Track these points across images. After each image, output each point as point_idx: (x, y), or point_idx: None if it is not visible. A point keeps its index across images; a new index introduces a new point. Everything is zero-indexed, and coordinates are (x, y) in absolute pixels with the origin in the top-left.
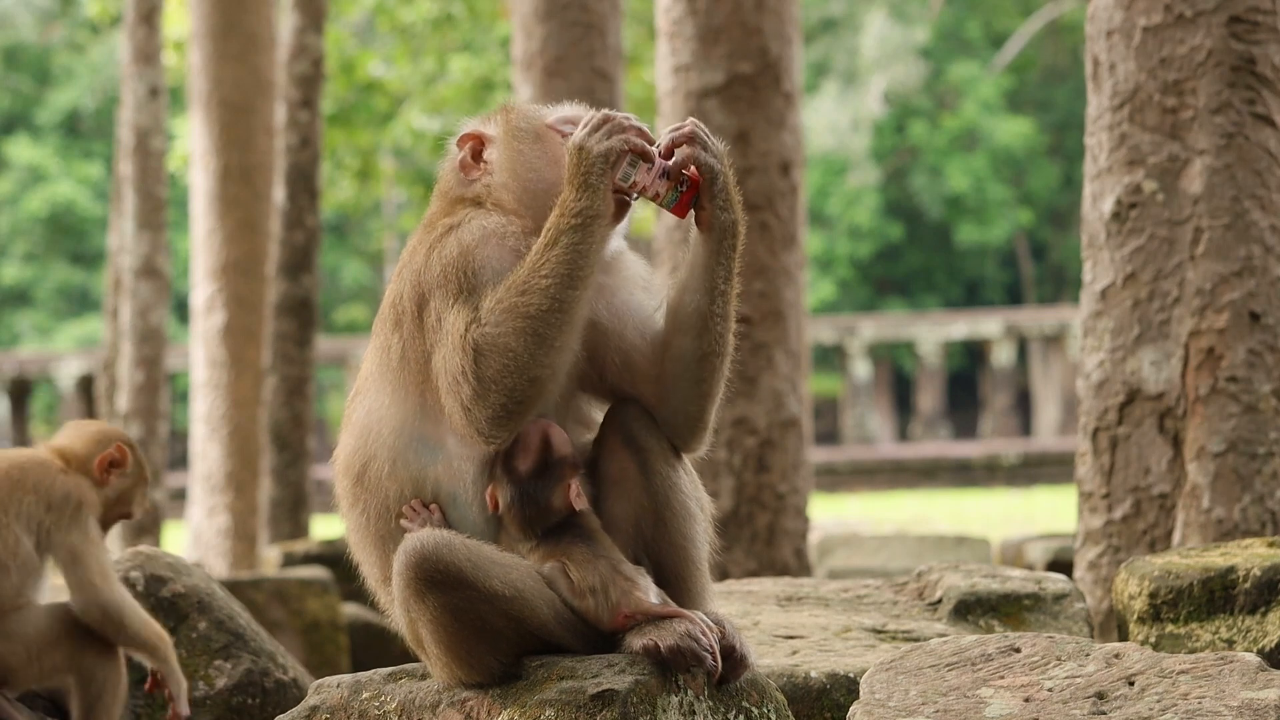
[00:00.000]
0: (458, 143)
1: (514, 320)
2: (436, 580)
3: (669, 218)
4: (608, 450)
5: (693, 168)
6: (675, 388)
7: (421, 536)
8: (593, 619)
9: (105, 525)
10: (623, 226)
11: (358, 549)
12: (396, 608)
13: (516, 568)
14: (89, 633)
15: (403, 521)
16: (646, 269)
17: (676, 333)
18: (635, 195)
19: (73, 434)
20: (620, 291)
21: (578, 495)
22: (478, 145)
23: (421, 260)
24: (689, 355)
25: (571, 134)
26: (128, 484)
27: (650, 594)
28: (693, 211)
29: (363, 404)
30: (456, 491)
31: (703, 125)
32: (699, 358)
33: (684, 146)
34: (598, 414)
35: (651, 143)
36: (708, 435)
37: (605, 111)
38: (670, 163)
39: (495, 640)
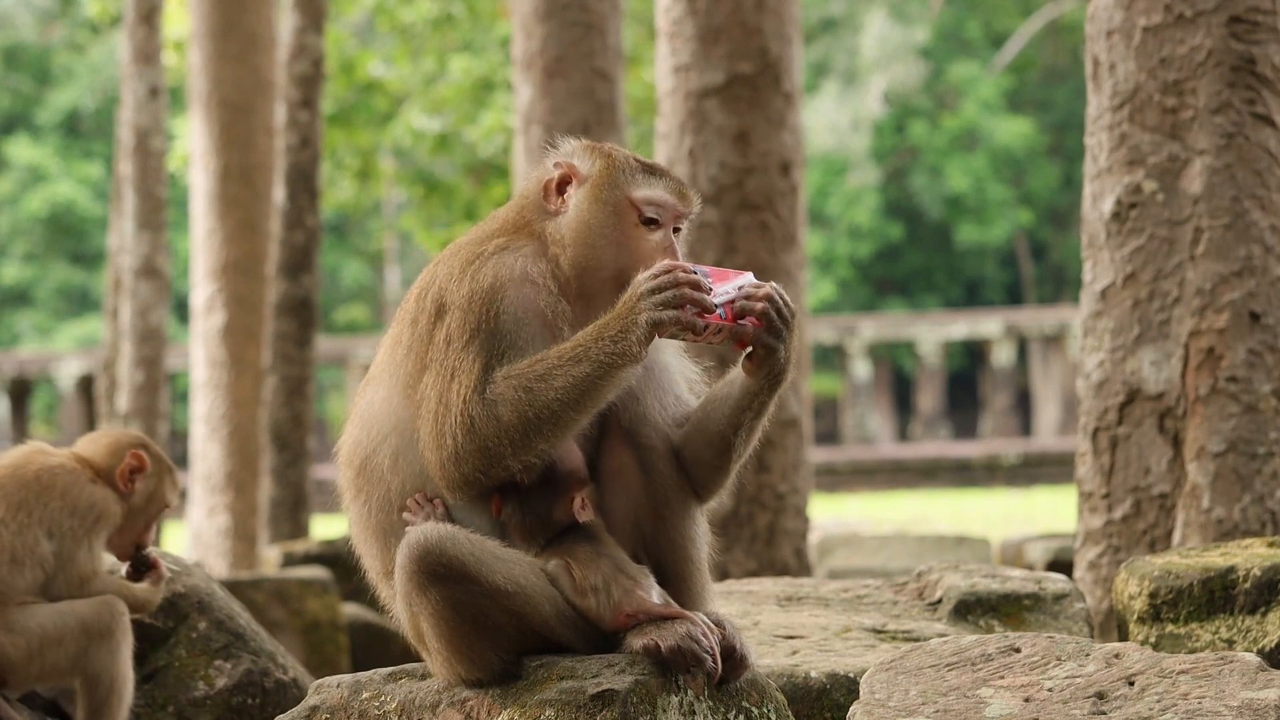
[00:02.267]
0: (554, 163)
1: (511, 412)
2: (439, 573)
3: None
4: (608, 446)
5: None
6: (688, 468)
7: (425, 529)
8: (594, 618)
9: (146, 524)
10: None
11: (359, 541)
12: (398, 601)
13: (519, 563)
14: (98, 635)
15: (405, 515)
16: (682, 353)
17: (697, 439)
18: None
19: (92, 447)
20: (664, 351)
21: (582, 508)
22: (566, 178)
23: (458, 270)
24: (704, 460)
25: (655, 221)
26: (154, 484)
27: (653, 594)
28: (744, 356)
29: (369, 394)
30: None
31: (781, 293)
32: (713, 467)
33: (751, 320)
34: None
35: (709, 309)
36: (716, 498)
37: (675, 269)
38: (731, 324)
39: (496, 636)
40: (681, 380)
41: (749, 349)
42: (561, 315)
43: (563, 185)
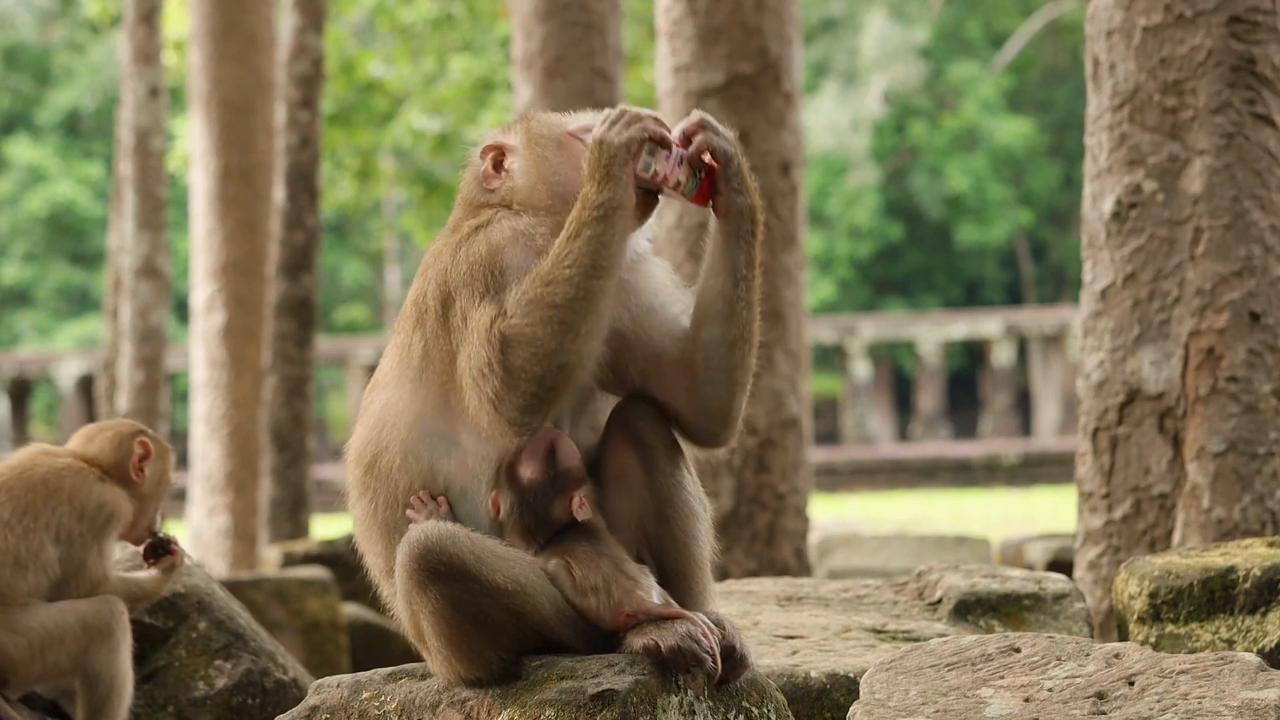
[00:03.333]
0: (480, 154)
1: (540, 310)
2: (439, 572)
3: (668, 219)
4: (611, 447)
5: (708, 156)
6: (706, 379)
7: (426, 528)
8: (594, 617)
9: (157, 508)
10: (647, 228)
11: (363, 538)
12: (398, 599)
13: (520, 562)
14: (98, 633)
15: (409, 512)
16: (671, 274)
17: (704, 322)
18: (659, 189)
19: (94, 444)
20: (645, 294)
21: (580, 507)
22: (499, 156)
23: (448, 259)
24: (717, 343)
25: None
26: (160, 466)
27: (653, 594)
28: (711, 201)
29: (380, 397)
30: (468, 486)
31: (710, 116)
32: (727, 345)
33: (698, 135)
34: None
35: (665, 124)
36: (738, 427)
37: (622, 107)
38: (688, 151)
39: (496, 635)
40: (674, 307)
41: (714, 199)
42: None
43: (498, 166)
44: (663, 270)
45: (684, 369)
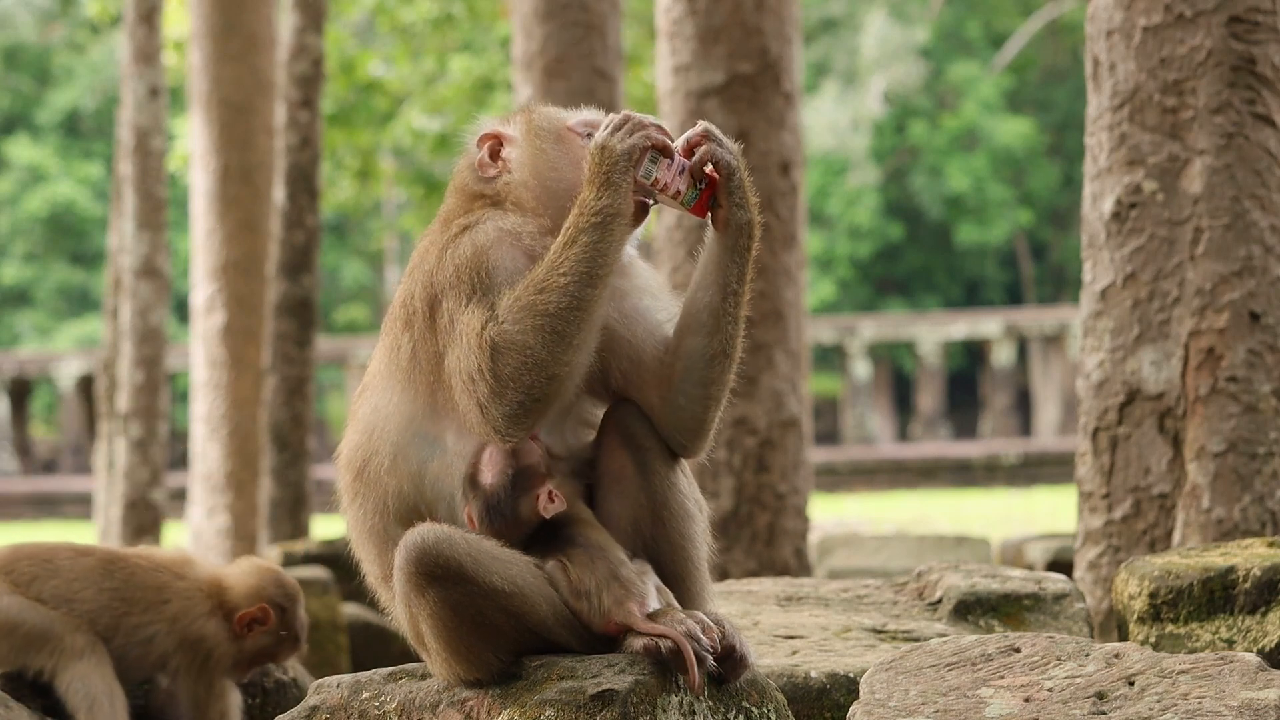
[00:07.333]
0: (477, 142)
1: (531, 318)
2: (437, 575)
3: (668, 219)
4: (606, 449)
5: (709, 167)
6: (682, 389)
7: (422, 531)
8: (585, 621)
9: (239, 668)
10: (638, 232)
11: (357, 545)
12: (397, 603)
13: (517, 564)
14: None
15: None
16: (657, 277)
17: (688, 332)
18: (656, 199)
19: (238, 574)
20: (631, 296)
21: (549, 503)
22: (496, 144)
23: (434, 261)
24: (698, 355)
25: (592, 136)
26: (268, 641)
27: (651, 597)
28: (710, 213)
29: (369, 400)
30: (456, 489)
31: (715, 128)
32: (708, 358)
33: (702, 145)
34: (598, 412)
35: (668, 133)
36: (709, 440)
37: (626, 112)
38: (690, 161)
39: (495, 636)
40: (659, 312)
41: (713, 211)
42: (546, 248)
43: (495, 155)
44: (649, 273)
45: (661, 377)
